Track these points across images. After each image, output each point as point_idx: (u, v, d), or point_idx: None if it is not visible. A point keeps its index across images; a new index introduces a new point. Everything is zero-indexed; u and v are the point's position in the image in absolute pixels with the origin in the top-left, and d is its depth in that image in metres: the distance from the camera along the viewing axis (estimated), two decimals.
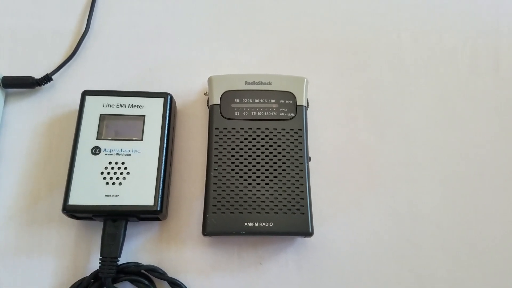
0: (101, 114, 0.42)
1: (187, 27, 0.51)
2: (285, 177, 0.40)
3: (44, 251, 0.41)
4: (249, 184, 0.40)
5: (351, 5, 0.54)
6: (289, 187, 0.40)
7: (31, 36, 0.49)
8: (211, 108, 0.42)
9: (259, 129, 0.42)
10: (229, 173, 0.40)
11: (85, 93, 0.43)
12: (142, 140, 0.41)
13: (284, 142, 0.41)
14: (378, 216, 0.43)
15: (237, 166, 0.40)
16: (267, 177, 0.40)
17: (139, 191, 0.39)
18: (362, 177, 0.45)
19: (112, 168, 0.40)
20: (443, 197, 0.44)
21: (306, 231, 0.38)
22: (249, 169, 0.40)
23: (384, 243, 0.42)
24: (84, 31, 0.49)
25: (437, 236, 0.43)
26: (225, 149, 0.41)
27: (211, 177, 0.40)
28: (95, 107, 0.42)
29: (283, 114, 0.42)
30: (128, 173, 0.40)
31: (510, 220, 0.44)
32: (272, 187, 0.40)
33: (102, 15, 0.51)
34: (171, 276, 0.39)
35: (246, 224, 0.38)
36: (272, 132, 0.42)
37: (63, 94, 0.47)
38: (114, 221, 0.39)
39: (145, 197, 0.39)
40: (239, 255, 0.41)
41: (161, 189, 0.39)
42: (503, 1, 0.55)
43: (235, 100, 0.43)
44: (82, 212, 0.39)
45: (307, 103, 0.44)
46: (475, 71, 0.50)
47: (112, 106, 0.42)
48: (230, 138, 0.41)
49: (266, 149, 0.41)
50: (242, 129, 0.42)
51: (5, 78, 0.45)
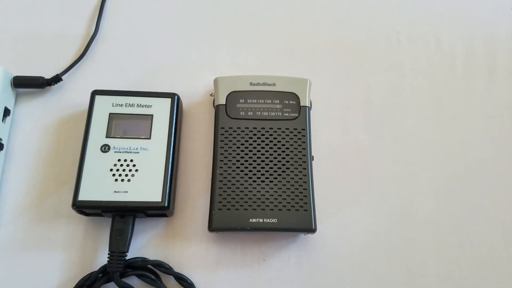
0: (110, 113, 0.42)
1: (192, 31, 0.52)
2: (288, 175, 0.41)
3: (53, 246, 0.41)
4: (254, 181, 0.40)
5: (350, 8, 0.55)
6: (293, 185, 0.40)
7: (42, 38, 0.51)
8: (217, 108, 0.43)
9: (264, 128, 0.42)
10: (235, 171, 0.41)
11: (95, 92, 0.43)
12: (150, 138, 0.42)
13: (288, 141, 0.42)
14: (377, 215, 0.44)
15: (242, 164, 0.41)
16: (271, 175, 0.41)
17: (147, 188, 0.40)
18: (360, 176, 0.46)
19: (121, 165, 0.40)
20: (441, 197, 0.45)
21: (309, 227, 0.39)
22: (254, 167, 0.41)
23: (382, 241, 0.43)
24: (93, 33, 0.50)
25: (435, 235, 0.43)
26: (231, 147, 0.41)
27: (217, 175, 0.40)
28: (104, 106, 0.43)
29: (287, 114, 0.43)
30: (136, 170, 0.40)
31: (507, 220, 0.44)
32: (276, 185, 0.40)
33: (110, 19, 0.52)
34: (176, 271, 0.40)
35: (251, 220, 0.39)
36: (276, 132, 0.42)
37: (72, 94, 0.48)
38: (123, 217, 0.40)
39: (153, 194, 0.39)
40: (243, 251, 0.42)
41: (168, 186, 0.40)
42: (499, 5, 0.56)
43: (240, 101, 0.43)
44: (91, 207, 0.39)
45: (310, 104, 0.44)
46: (472, 73, 0.51)
47: (121, 105, 0.43)
48: (235, 137, 0.42)
49: (271, 148, 0.42)
50: (247, 128, 0.42)
51: (16, 78, 0.46)
